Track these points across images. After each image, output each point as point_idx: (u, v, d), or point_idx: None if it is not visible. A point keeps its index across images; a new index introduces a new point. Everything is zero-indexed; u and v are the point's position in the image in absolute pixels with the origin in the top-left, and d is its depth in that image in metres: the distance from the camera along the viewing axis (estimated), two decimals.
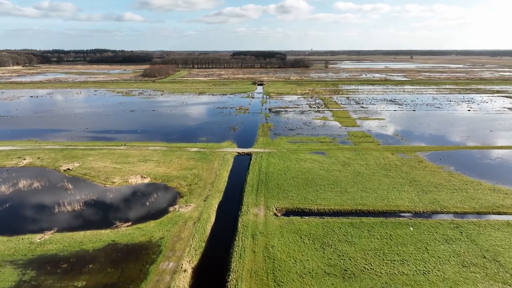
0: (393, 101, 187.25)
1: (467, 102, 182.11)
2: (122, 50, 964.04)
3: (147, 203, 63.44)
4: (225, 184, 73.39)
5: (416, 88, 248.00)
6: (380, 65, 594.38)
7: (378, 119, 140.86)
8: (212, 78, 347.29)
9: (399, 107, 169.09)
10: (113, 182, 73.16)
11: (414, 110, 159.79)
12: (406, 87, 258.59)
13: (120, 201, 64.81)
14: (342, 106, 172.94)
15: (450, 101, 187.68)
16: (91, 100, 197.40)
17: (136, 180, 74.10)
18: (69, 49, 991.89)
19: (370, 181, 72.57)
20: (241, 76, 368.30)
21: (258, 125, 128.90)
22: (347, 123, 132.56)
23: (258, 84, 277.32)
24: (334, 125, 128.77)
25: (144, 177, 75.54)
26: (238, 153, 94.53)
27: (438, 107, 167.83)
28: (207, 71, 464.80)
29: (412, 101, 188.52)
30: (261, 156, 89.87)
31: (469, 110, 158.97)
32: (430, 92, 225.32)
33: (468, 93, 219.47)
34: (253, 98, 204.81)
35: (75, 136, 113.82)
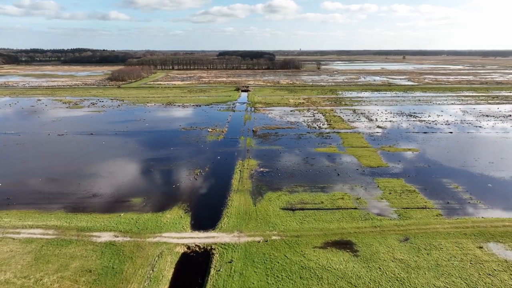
0: (414, 116, 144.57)
1: (511, 119, 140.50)
2: (104, 50, 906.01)
3: None
4: None
5: (432, 96, 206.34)
6: (375, 66, 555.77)
7: (409, 149, 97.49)
8: (191, 82, 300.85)
9: (426, 126, 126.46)
10: None
11: (451, 132, 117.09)
12: (418, 94, 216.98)
13: None
14: (351, 125, 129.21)
15: (487, 116, 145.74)
16: (17, 117, 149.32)
17: None
18: (50, 48, 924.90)
19: None
20: (224, 79, 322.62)
21: (235, 165, 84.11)
22: (368, 159, 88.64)
23: (243, 91, 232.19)
24: (350, 165, 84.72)
25: None
26: (188, 247, 49.39)
27: (479, 127, 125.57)
28: (188, 73, 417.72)
29: (438, 116, 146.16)
30: (230, 262, 45.08)
31: None
32: (453, 102, 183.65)
33: (498, 103, 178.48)
34: (234, 111, 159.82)
35: None
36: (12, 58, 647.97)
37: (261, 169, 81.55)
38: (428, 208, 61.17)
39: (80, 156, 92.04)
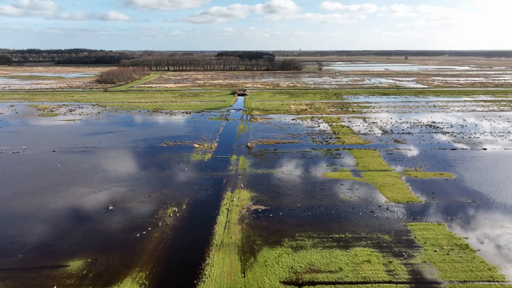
0: (435, 127, 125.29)
1: None
2: (101, 50, 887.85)
3: None
4: None
5: (448, 101, 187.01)
6: (378, 67, 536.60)
7: (441, 174, 78.13)
8: (185, 84, 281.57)
9: (453, 140, 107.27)
10: None
11: (484, 149, 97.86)
12: (431, 99, 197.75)
13: None
14: (364, 139, 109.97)
15: None
16: None
17: None
18: (46, 49, 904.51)
19: None
20: (220, 81, 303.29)
21: (222, 199, 64.79)
22: (393, 190, 69.32)
23: (239, 95, 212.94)
24: (371, 199, 65.41)
25: None
26: None
27: None
28: (183, 74, 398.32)
29: (461, 126, 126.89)
30: None
31: None
32: (473, 108, 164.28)
33: None
34: (228, 119, 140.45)
35: None
36: (4, 59, 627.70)
37: (255, 206, 62.25)
38: (497, 281, 41.88)
39: (25, 186, 72.62)
